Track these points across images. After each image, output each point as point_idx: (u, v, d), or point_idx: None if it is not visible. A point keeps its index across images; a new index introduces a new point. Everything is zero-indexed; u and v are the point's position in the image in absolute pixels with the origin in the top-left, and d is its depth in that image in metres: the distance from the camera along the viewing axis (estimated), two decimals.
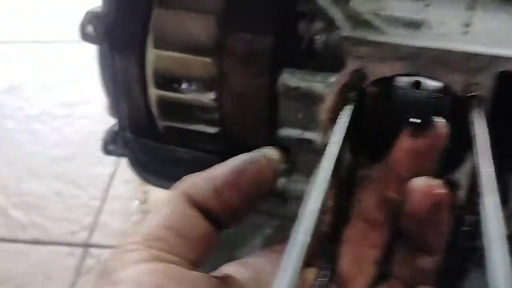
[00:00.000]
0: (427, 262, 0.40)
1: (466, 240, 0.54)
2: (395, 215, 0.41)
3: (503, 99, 0.49)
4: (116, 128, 0.68)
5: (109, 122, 0.73)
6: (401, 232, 0.41)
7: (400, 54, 0.49)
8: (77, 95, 1.91)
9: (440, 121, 0.42)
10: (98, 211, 1.51)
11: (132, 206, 1.52)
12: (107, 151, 0.68)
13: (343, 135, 0.42)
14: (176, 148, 0.67)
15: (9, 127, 1.84)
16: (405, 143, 0.42)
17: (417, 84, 0.44)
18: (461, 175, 0.55)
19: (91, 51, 0.66)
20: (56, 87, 1.98)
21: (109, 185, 1.60)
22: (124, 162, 1.75)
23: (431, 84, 0.44)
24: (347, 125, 0.43)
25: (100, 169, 1.62)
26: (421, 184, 0.37)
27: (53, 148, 1.74)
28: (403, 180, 0.39)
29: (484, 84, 0.48)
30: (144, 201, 1.50)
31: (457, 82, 0.49)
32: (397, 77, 0.46)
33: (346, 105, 0.46)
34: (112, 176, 1.62)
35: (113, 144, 0.69)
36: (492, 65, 0.47)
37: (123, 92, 0.64)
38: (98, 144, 0.72)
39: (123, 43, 0.60)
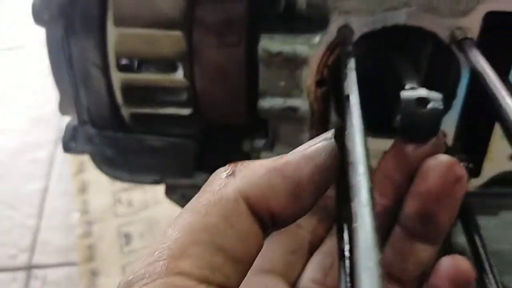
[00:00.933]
0: (426, 253, 0.37)
1: None
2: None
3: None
4: (75, 123, 0.61)
5: (39, 134, 0.65)
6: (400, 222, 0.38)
7: (388, 4, 0.48)
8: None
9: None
10: (36, 230, 1.39)
11: (72, 219, 1.41)
12: (67, 149, 0.61)
13: (356, 87, 0.39)
14: (146, 136, 0.61)
15: None
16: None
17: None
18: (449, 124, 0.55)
19: (13, 62, 0.59)
20: None
21: (43, 201, 1.48)
22: (56, 174, 1.63)
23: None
24: (355, 78, 0.41)
25: (31, 185, 1.49)
26: (441, 161, 0.34)
27: None
28: None
29: (472, 27, 0.48)
30: (85, 212, 1.40)
31: (445, 28, 0.48)
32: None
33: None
34: (44, 191, 1.50)
35: (74, 141, 0.62)
36: (479, 6, 0.47)
37: (82, 80, 0.57)
38: (25, 159, 0.64)
39: (79, 24, 0.54)
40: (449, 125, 0.54)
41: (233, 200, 0.29)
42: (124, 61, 0.65)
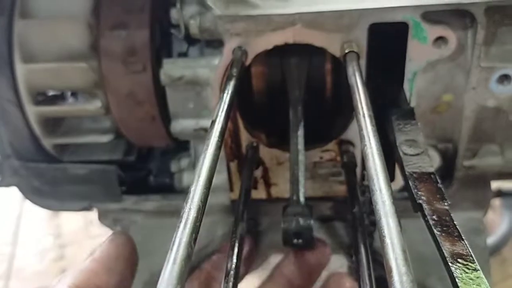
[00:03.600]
0: None
1: (368, 193, 0.55)
2: None
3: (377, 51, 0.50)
4: None
5: None
6: None
7: (275, 25, 0.49)
8: None
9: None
10: (11, 257, 1.40)
11: (46, 243, 1.42)
12: None
13: (226, 111, 0.41)
14: (70, 165, 0.63)
15: None
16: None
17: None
18: (354, 134, 0.56)
19: None
20: None
21: (18, 227, 1.49)
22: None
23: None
24: (228, 101, 0.42)
25: (5, 212, 1.50)
26: None
27: None
28: None
29: (358, 39, 0.49)
30: (58, 235, 1.41)
31: (333, 43, 0.50)
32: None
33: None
34: (19, 217, 1.51)
35: (0, 174, 0.63)
36: (362, 19, 0.48)
37: None
38: None
39: None
40: (355, 134, 0.56)
41: None
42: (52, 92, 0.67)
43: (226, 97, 0.42)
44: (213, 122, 0.38)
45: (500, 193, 1.37)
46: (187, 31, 0.54)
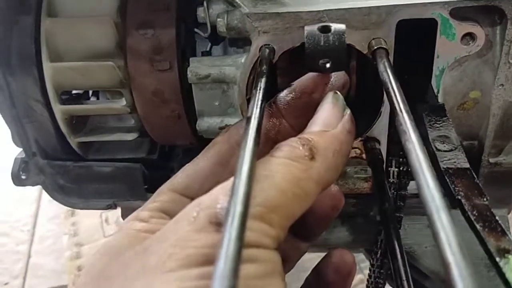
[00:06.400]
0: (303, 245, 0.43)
1: (394, 191, 0.55)
2: None
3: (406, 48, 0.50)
4: (24, 155, 0.63)
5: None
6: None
7: (303, 22, 0.49)
8: None
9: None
10: (28, 255, 1.42)
11: (62, 242, 1.43)
12: (19, 181, 0.63)
13: (260, 107, 0.41)
14: (95, 163, 0.63)
15: None
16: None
17: (325, 28, 0.43)
18: (379, 131, 0.56)
19: None
20: None
21: (34, 226, 1.50)
22: (45, 198, 1.65)
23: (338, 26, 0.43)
24: (261, 97, 0.42)
25: (22, 211, 1.51)
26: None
27: None
28: None
29: (386, 36, 0.49)
30: (74, 234, 1.42)
31: (360, 40, 0.50)
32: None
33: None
34: (35, 216, 1.52)
35: (25, 173, 0.63)
36: (390, 16, 0.48)
37: (25, 116, 0.59)
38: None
39: (16, 63, 0.56)
40: (381, 131, 0.56)
41: None
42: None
43: (259, 93, 0.42)
44: (248, 119, 0.38)
45: None
46: (213, 30, 0.54)
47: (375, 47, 0.48)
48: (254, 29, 0.50)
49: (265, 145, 0.38)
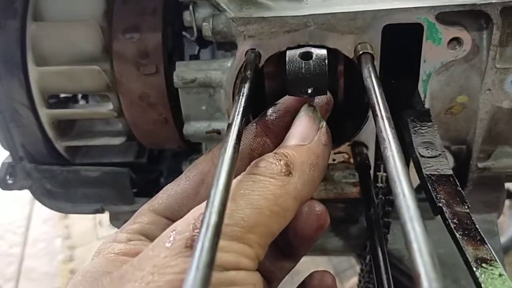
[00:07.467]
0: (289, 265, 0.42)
1: (382, 195, 0.55)
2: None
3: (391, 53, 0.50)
4: (11, 159, 0.62)
5: None
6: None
7: (288, 27, 0.49)
8: None
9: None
10: (21, 258, 1.41)
11: (56, 245, 1.43)
12: (6, 186, 0.63)
13: (242, 113, 0.40)
14: (82, 167, 0.63)
15: None
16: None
17: (306, 56, 0.43)
18: (367, 136, 0.56)
19: None
20: None
21: (27, 228, 1.49)
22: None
23: (319, 52, 0.43)
24: (244, 103, 0.42)
25: (15, 213, 1.51)
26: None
27: None
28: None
29: (372, 41, 0.49)
30: (67, 237, 1.41)
31: (346, 44, 0.49)
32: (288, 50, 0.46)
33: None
34: (29, 218, 1.52)
35: (12, 177, 0.63)
36: (376, 21, 0.48)
37: (11, 120, 0.59)
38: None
39: (1, 67, 0.55)
40: (369, 135, 0.55)
41: None
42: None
43: (242, 99, 0.41)
44: (229, 125, 0.38)
45: (510, 195, 1.36)
46: (199, 34, 0.54)
47: (361, 52, 0.48)
48: (240, 34, 0.50)
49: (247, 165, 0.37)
